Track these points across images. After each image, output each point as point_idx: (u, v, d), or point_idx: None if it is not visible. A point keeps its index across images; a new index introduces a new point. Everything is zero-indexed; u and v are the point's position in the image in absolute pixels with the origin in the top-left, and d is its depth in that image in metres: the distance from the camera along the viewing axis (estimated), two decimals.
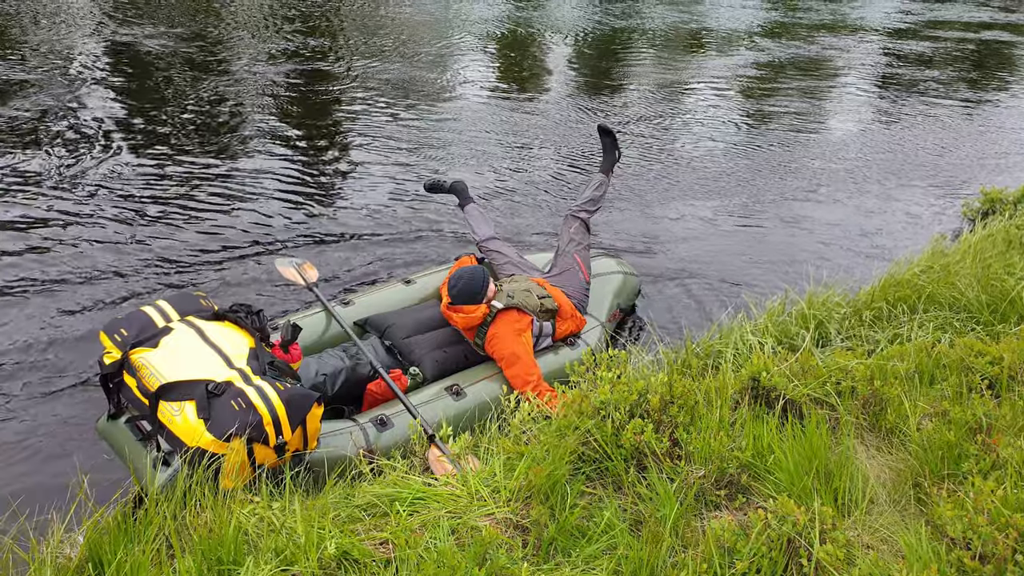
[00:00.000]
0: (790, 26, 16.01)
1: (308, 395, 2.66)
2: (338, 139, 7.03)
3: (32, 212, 5.20)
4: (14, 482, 3.06)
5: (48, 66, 8.47)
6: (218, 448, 2.48)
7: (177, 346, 2.71)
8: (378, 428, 2.97)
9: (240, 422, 2.48)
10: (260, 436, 2.53)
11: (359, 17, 12.83)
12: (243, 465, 2.53)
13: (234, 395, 2.54)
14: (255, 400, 2.54)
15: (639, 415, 2.52)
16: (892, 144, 8.25)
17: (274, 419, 2.54)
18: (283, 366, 2.78)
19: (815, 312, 3.81)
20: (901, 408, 2.70)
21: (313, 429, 2.70)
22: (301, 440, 2.66)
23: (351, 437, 2.90)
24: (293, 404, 2.59)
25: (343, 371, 3.29)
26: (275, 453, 2.59)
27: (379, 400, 3.22)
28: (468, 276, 3.47)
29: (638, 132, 8.00)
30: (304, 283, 3.81)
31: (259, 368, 2.69)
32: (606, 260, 4.40)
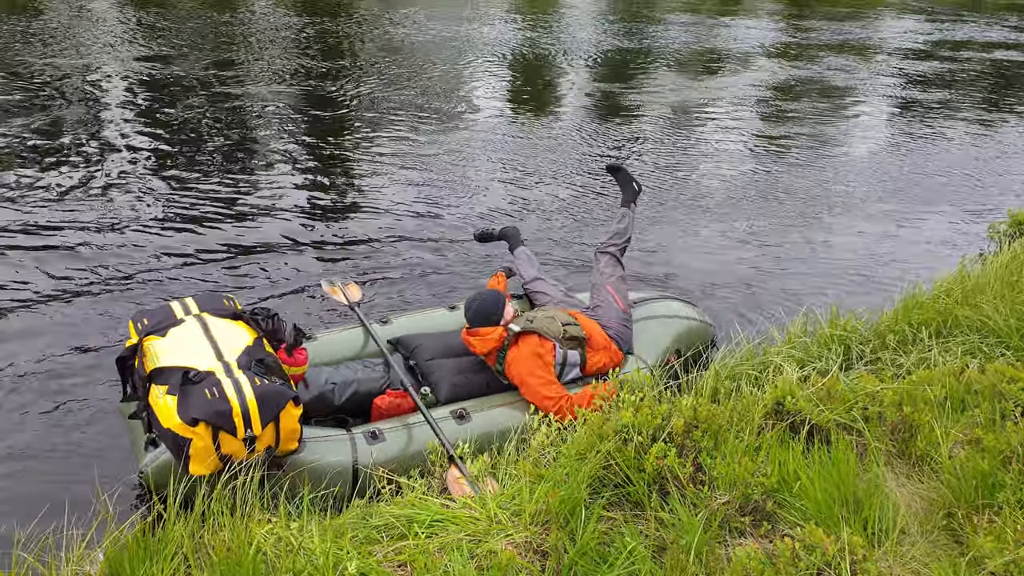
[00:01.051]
0: (806, 48, 16.01)
1: (283, 393, 2.69)
2: (368, 162, 7.05)
3: (60, 230, 5.26)
4: (38, 494, 3.05)
5: (70, 87, 8.61)
6: (184, 431, 2.55)
7: (181, 336, 2.82)
8: (369, 440, 2.95)
9: (208, 409, 2.55)
10: (227, 425, 2.57)
11: (373, 40, 12.96)
12: (208, 451, 2.58)
13: (210, 384, 2.62)
14: (228, 391, 2.61)
15: (662, 439, 2.48)
16: (915, 166, 8.19)
17: (244, 411, 2.59)
18: (273, 365, 2.80)
19: (838, 335, 3.75)
20: (932, 435, 2.64)
21: (288, 428, 2.72)
22: (273, 437, 2.69)
23: (339, 446, 2.90)
24: (266, 399, 2.63)
25: (354, 383, 3.30)
26: (244, 446, 2.63)
27: (384, 415, 3.20)
28: (482, 298, 3.43)
29: (653, 155, 7.98)
30: (347, 302, 3.90)
31: (246, 363, 2.74)
32: (673, 303, 4.11)
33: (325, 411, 3.23)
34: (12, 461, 3.27)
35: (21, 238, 5.06)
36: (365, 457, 2.88)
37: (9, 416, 3.52)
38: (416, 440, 3.02)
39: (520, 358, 3.28)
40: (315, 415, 3.19)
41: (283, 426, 2.69)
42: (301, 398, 3.06)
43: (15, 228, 5.18)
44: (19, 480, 3.19)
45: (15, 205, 5.50)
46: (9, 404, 3.60)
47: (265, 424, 2.63)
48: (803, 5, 24.70)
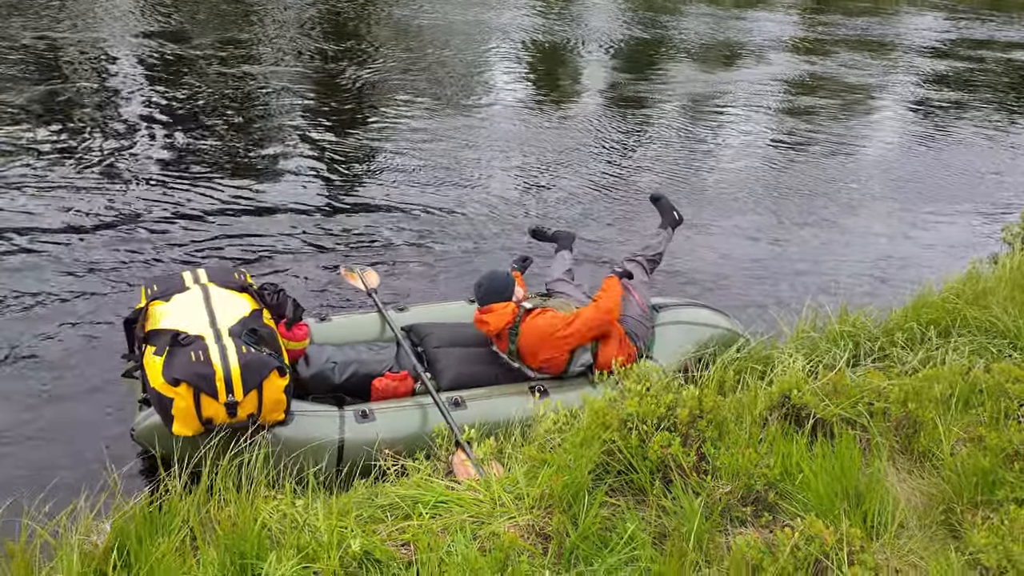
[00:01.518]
0: (824, 43, 15.89)
1: (267, 362, 2.74)
2: (389, 148, 7.05)
3: (74, 209, 5.30)
4: (49, 465, 3.11)
5: (83, 62, 8.65)
6: (166, 390, 2.63)
7: (182, 302, 2.90)
8: (358, 419, 2.98)
9: (190, 371, 2.62)
10: (208, 388, 2.64)
11: (390, 24, 12.95)
12: (189, 412, 2.65)
13: (198, 348, 2.69)
14: (213, 355, 2.67)
15: (666, 428, 2.50)
16: (930, 166, 8.14)
17: (226, 376, 2.65)
18: (266, 336, 2.85)
19: (847, 331, 3.75)
20: (935, 432, 2.65)
21: (272, 399, 2.76)
22: (256, 405, 2.74)
23: (327, 422, 2.94)
24: (250, 367, 2.69)
25: (354, 363, 3.32)
26: (225, 411, 2.68)
27: (382, 396, 3.22)
28: (492, 275, 3.46)
29: (667, 148, 7.97)
30: (364, 288, 3.97)
31: (238, 332, 2.80)
32: (702, 311, 3.97)
33: (324, 389, 3.25)
34: (23, 434, 3.32)
35: (35, 217, 5.11)
36: (353, 435, 2.92)
37: (20, 388, 3.58)
38: (406, 423, 3.04)
39: (535, 325, 3.30)
40: (314, 392, 3.22)
41: (266, 395, 2.74)
42: (301, 374, 3.17)
43: (31, 207, 5.23)
44: (30, 452, 3.24)
45: (30, 180, 5.55)
46: (20, 376, 3.65)
47: (247, 391, 2.69)
48: (822, 1, 24.50)
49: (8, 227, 4.90)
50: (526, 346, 3.33)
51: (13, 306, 4.18)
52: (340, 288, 4.56)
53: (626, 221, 5.94)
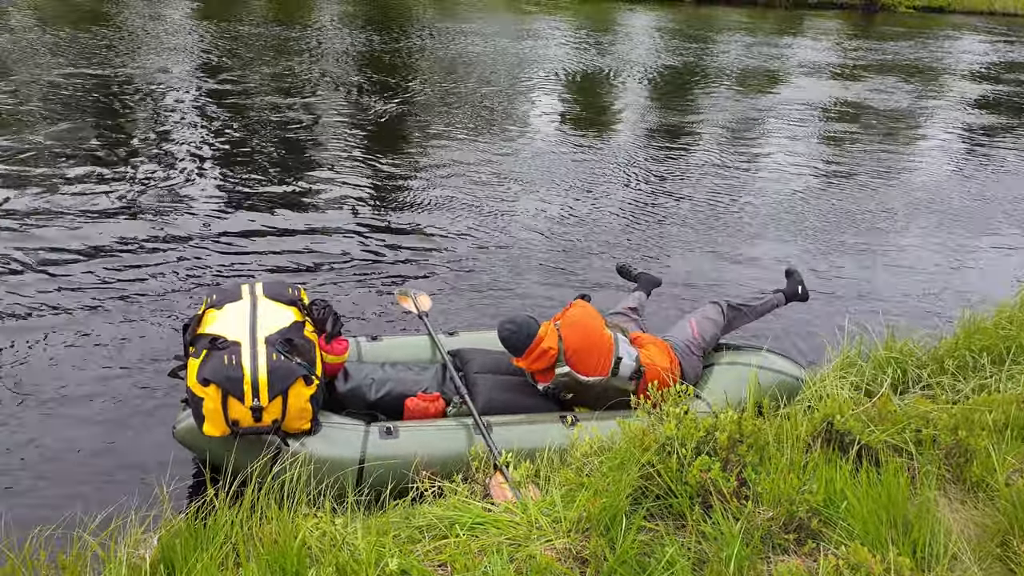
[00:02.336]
0: (866, 68, 15.71)
1: (294, 370, 2.84)
2: (436, 177, 7.19)
3: (131, 233, 5.49)
4: (102, 476, 3.22)
5: (139, 93, 9.00)
6: (198, 390, 2.76)
7: (230, 311, 3.03)
8: (382, 435, 3.02)
9: (220, 373, 2.75)
10: (235, 391, 2.75)
11: (430, 59, 13.20)
12: (217, 413, 2.76)
13: (231, 352, 2.81)
14: (244, 360, 2.79)
15: (706, 452, 2.47)
16: (976, 192, 7.97)
17: (253, 381, 2.76)
18: (301, 347, 2.95)
19: (893, 357, 3.66)
20: (988, 461, 2.56)
21: (297, 406, 2.85)
22: (280, 411, 2.83)
23: (352, 435, 3.01)
24: (277, 374, 2.80)
25: (390, 382, 3.38)
26: (250, 415, 2.78)
27: (413, 416, 3.26)
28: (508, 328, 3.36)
29: (710, 174, 7.94)
30: (416, 311, 4.05)
31: (274, 340, 2.90)
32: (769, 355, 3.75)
33: (359, 405, 3.30)
34: (83, 447, 3.42)
35: (94, 237, 5.31)
36: (374, 450, 2.96)
37: (81, 402, 3.69)
38: (428, 443, 3.06)
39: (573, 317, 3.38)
40: (350, 407, 3.27)
41: (291, 402, 2.84)
42: (338, 388, 3.26)
43: (88, 230, 5.43)
44: (89, 464, 3.33)
45: (87, 204, 5.77)
46: (83, 391, 3.77)
47: (272, 397, 2.79)
48: (864, 26, 24.28)
49: (72, 248, 5.10)
50: (572, 349, 3.31)
51: (79, 318, 4.34)
52: (393, 310, 4.66)
53: (664, 250, 5.92)
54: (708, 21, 22.34)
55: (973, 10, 31.78)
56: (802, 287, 4.27)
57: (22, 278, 4.73)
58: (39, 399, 3.70)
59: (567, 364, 3.33)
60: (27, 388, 3.76)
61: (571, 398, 3.40)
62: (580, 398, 3.40)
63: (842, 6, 29.66)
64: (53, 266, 4.88)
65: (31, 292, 4.58)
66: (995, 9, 32.17)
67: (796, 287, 4.26)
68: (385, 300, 4.85)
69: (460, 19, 17.82)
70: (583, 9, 22.56)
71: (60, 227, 5.41)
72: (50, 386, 3.79)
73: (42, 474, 3.25)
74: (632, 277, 4.40)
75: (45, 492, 3.12)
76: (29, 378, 3.84)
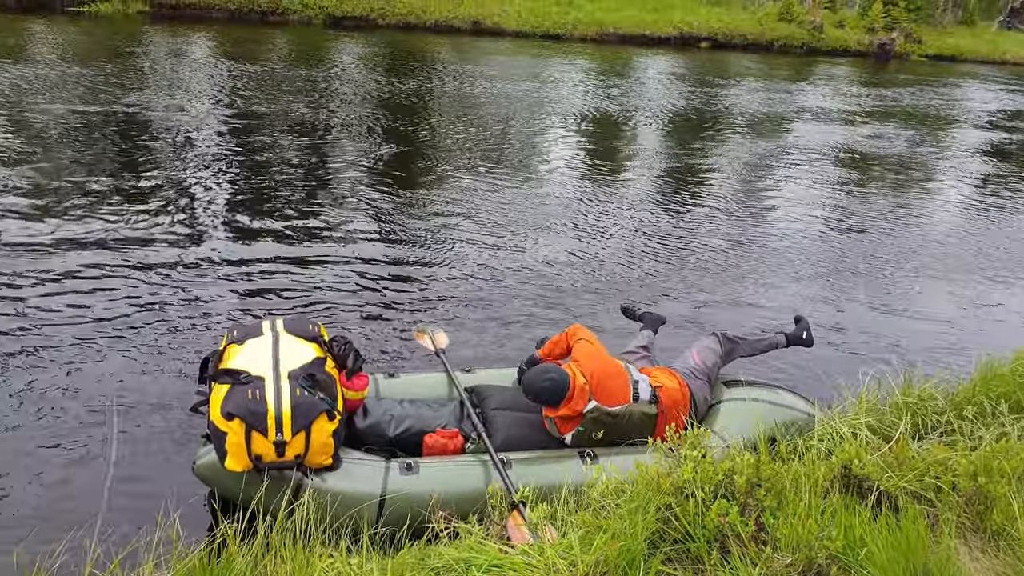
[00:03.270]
0: (879, 115, 15.82)
1: (317, 405, 2.86)
2: (455, 216, 7.28)
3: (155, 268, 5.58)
4: (115, 510, 3.21)
5: (161, 127, 9.20)
6: (221, 424, 2.77)
7: (253, 347, 3.05)
8: (402, 471, 3.04)
9: (244, 407, 2.76)
10: (259, 425, 2.77)
11: (450, 100, 13.43)
12: (240, 448, 2.78)
13: (255, 387, 2.83)
14: (268, 395, 2.81)
15: (724, 496, 2.46)
16: (992, 238, 7.97)
17: (277, 416, 2.78)
18: (324, 383, 2.97)
19: (911, 403, 3.64)
20: (1009, 509, 2.54)
21: (319, 441, 2.87)
22: (303, 446, 2.85)
23: (372, 470, 3.03)
24: (301, 408, 2.82)
25: (409, 418, 3.40)
26: (274, 450, 2.80)
27: (432, 452, 3.28)
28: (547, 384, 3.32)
29: (720, 214, 8.00)
30: (433, 348, 4.07)
31: (297, 376, 2.92)
32: (780, 391, 3.80)
33: (378, 441, 3.31)
34: (95, 481, 3.43)
35: (114, 272, 5.39)
36: (395, 486, 2.98)
37: (95, 436, 3.72)
38: (449, 479, 3.07)
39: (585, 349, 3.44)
40: (369, 443, 3.29)
41: (313, 437, 2.86)
42: (357, 424, 3.28)
43: (113, 263, 5.53)
44: (102, 497, 3.33)
45: (104, 239, 5.88)
46: (96, 425, 3.80)
47: (296, 431, 2.81)
48: (878, 73, 24.52)
49: (89, 282, 5.18)
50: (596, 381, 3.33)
51: (91, 353, 4.39)
52: (410, 347, 4.68)
53: (673, 292, 5.94)
54: (722, 66, 22.65)
55: (985, 59, 32.12)
56: (807, 333, 4.30)
57: (38, 310, 4.81)
58: (53, 431, 3.72)
59: (593, 399, 3.33)
60: (41, 421, 3.80)
61: (601, 437, 3.36)
62: (609, 436, 3.37)
63: (855, 54, 30.08)
64: (68, 297, 4.96)
65: (45, 323, 4.65)
66: (1007, 59, 32.50)
67: (802, 332, 4.30)
68: (402, 337, 4.88)
69: (476, 63, 18.16)
70: (599, 54, 22.95)
71: (79, 262, 5.49)
72: (64, 419, 3.82)
73: (53, 505, 3.26)
74: (636, 317, 4.44)
75: (55, 524, 3.13)
76: (43, 410, 3.87)
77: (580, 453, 3.28)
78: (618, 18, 28.00)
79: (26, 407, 3.88)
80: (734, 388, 3.81)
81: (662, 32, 27.83)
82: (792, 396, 3.79)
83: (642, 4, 30.19)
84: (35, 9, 19.70)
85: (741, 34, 28.88)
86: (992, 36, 35.87)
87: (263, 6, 23.41)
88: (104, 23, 19.44)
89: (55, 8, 20.39)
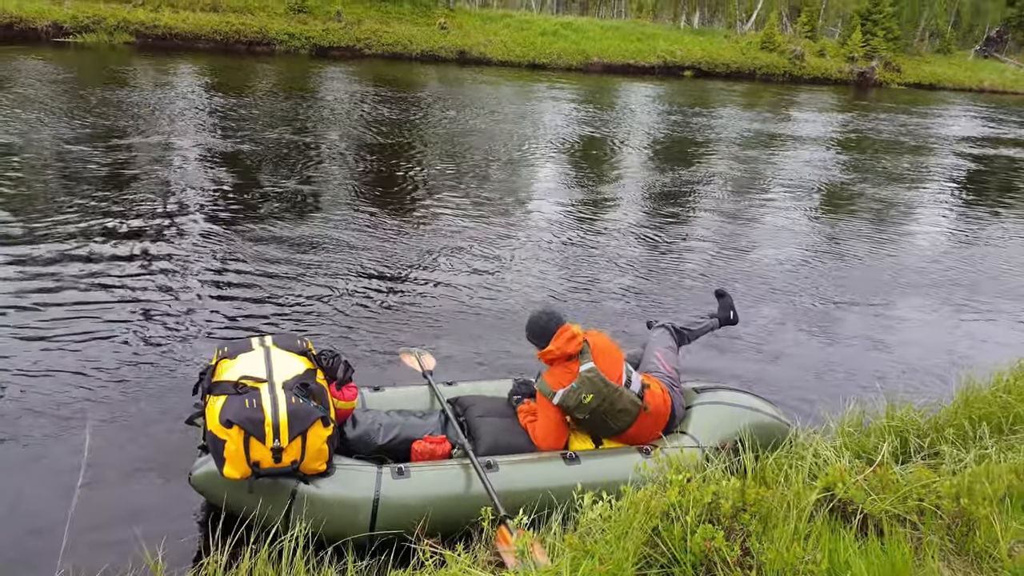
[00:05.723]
0: (861, 140, 16.08)
1: (312, 412, 2.95)
2: (447, 234, 7.33)
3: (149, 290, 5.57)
4: (83, 532, 3.15)
5: (150, 155, 9.22)
6: (220, 432, 2.85)
7: (245, 360, 3.13)
8: (394, 476, 3.12)
9: (242, 415, 2.85)
10: (257, 432, 2.85)
11: (432, 126, 13.53)
12: (239, 455, 2.85)
13: (252, 396, 2.92)
14: (265, 403, 2.90)
15: (709, 520, 2.47)
16: (973, 261, 8.08)
17: (274, 423, 2.87)
18: (316, 392, 3.07)
19: (894, 426, 3.68)
20: (991, 531, 2.56)
21: (315, 447, 2.96)
22: (299, 452, 2.93)
23: (365, 475, 3.10)
24: (297, 416, 2.91)
25: (397, 426, 3.50)
26: (271, 456, 2.87)
27: (421, 458, 3.37)
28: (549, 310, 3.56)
29: (702, 238, 8.08)
30: (420, 370, 4.17)
31: (291, 386, 3.02)
32: (743, 395, 3.95)
33: (368, 449, 3.40)
34: (72, 500, 3.39)
35: (117, 300, 5.37)
36: (388, 490, 3.06)
37: (71, 453, 3.67)
38: (439, 483, 3.16)
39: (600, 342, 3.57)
40: (358, 452, 3.37)
41: (309, 443, 2.94)
42: (347, 434, 3.39)
43: (109, 290, 5.51)
44: (84, 518, 3.28)
45: (106, 266, 5.86)
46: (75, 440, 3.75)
47: (292, 437, 2.89)
48: (858, 101, 24.95)
49: (70, 299, 5.15)
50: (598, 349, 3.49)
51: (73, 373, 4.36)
52: (398, 368, 4.68)
53: (659, 311, 5.98)
54: (706, 95, 23.00)
55: (962, 86, 32.79)
56: (734, 311, 4.41)
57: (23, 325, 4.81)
58: (31, 453, 3.68)
59: (592, 360, 3.44)
60: (24, 441, 3.76)
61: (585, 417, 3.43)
62: (594, 415, 3.43)
63: (836, 82, 30.63)
64: (51, 315, 4.94)
65: (28, 341, 4.63)
66: (984, 86, 33.19)
67: (728, 313, 4.40)
68: (385, 354, 4.92)
69: (462, 91, 18.34)
70: (586, 81, 23.25)
71: (72, 284, 5.47)
72: (36, 438, 3.79)
73: (17, 539, 3.19)
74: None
75: (30, 547, 3.08)
76: (28, 431, 3.83)
77: (563, 455, 3.37)
78: (602, 47, 28.45)
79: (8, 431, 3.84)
80: (705, 393, 3.91)
81: (646, 61, 28.29)
82: (752, 398, 3.94)
83: (626, 34, 30.70)
84: (20, 40, 19.78)
85: (724, 63, 29.41)
86: (970, 64, 36.70)
87: (249, 36, 23.63)
88: (90, 54, 19.53)
89: (40, 39, 20.49)
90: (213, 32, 23.12)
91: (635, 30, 31.84)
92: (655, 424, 3.56)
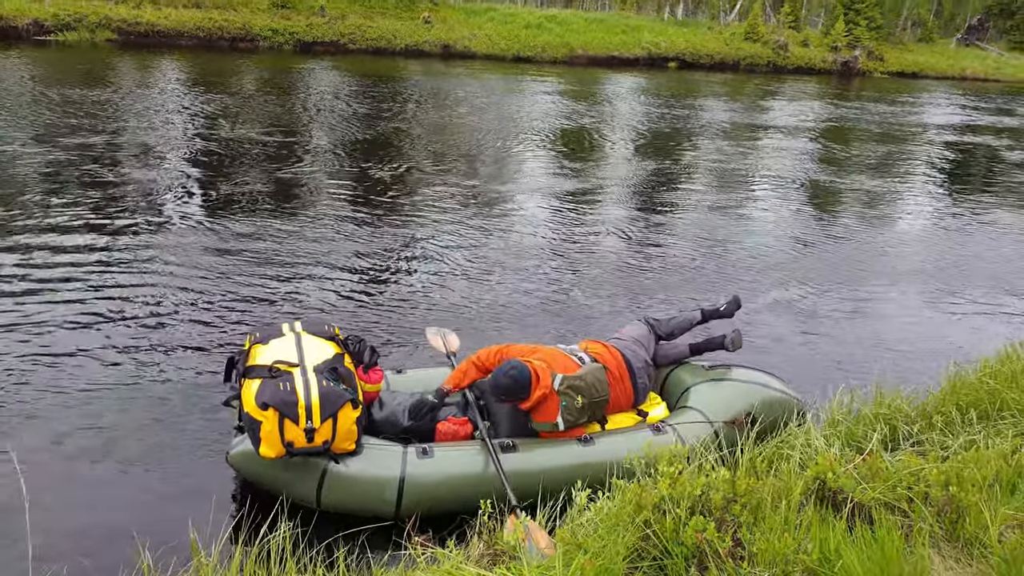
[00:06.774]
0: (848, 130, 16.15)
1: (342, 394, 3.10)
2: (467, 223, 7.31)
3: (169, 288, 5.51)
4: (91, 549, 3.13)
5: (141, 154, 9.13)
6: (256, 414, 3.00)
7: (277, 345, 3.31)
8: (419, 455, 3.26)
9: (277, 397, 3.00)
10: (291, 414, 3.00)
11: (426, 121, 13.48)
12: (274, 435, 2.99)
13: (285, 380, 3.09)
14: (298, 386, 3.07)
15: (701, 512, 2.47)
16: (960, 249, 8.14)
17: (307, 405, 3.02)
18: (346, 376, 3.24)
19: (882, 414, 3.69)
20: (980, 517, 2.57)
21: (345, 428, 3.10)
22: (331, 432, 3.07)
23: (391, 454, 3.26)
24: (328, 398, 3.06)
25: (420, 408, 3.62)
26: (304, 436, 3.02)
27: (443, 438, 3.51)
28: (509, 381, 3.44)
29: (692, 225, 8.09)
30: (445, 351, 4.27)
31: (321, 370, 3.18)
32: (753, 371, 4.02)
33: (393, 430, 3.53)
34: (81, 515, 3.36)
35: (129, 299, 5.33)
36: (413, 468, 3.22)
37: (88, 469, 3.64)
38: (461, 461, 3.30)
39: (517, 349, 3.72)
40: (384, 432, 3.50)
41: (340, 424, 3.09)
42: (374, 416, 3.57)
43: (115, 289, 5.47)
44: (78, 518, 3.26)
45: (106, 262, 5.80)
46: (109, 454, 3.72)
47: (324, 419, 3.04)
48: (842, 91, 25.03)
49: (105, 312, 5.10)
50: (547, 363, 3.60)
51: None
52: (423, 349, 4.83)
53: (650, 300, 5.99)
54: (690, 86, 23.02)
55: (944, 74, 32.97)
56: (726, 306, 4.48)
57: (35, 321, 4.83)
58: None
59: (555, 372, 3.55)
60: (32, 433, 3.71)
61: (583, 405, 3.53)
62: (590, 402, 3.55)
63: (820, 72, 30.72)
64: (61, 307, 4.91)
65: (42, 337, 4.63)
66: (966, 74, 33.39)
67: (717, 309, 4.48)
68: (415, 338, 5.05)
69: (447, 85, 18.27)
70: (571, 74, 23.22)
71: (85, 286, 5.46)
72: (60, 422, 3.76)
73: None
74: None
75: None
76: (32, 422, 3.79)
77: (579, 437, 3.48)
78: (587, 40, 28.39)
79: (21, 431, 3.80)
80: (713, 369, 4.02)
81: (631, 53, 28.26)
82: (760, 373, 4.04)
83: (610, 26, 30.65)
84: (1, 39, 19.54)
85: (708, 54, 29.42)
86: (952, 53, 36.87)
87: (232, 33, 23.43)
88: (71, 52, 19.32)
89: (21, 38, 20.24)
90: (196, 29, 22.91)
91: (619, 22, 31.78)
92: (621, 376, 3.74)
